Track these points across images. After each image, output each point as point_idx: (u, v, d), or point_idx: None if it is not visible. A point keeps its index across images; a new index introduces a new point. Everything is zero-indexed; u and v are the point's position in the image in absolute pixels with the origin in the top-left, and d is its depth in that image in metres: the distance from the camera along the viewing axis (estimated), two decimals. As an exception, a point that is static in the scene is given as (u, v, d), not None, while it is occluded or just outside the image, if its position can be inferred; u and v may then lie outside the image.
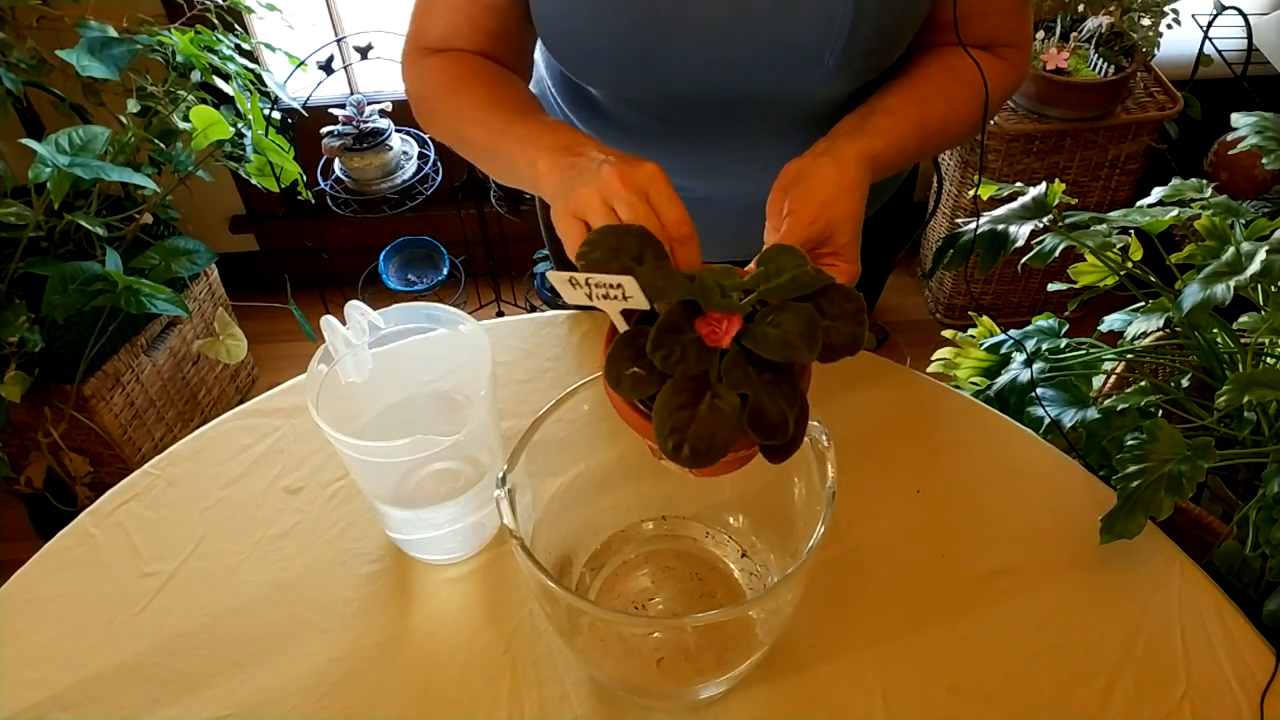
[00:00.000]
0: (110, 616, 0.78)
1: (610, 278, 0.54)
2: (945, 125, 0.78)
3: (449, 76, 0.81)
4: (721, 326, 0.54)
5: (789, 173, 0.67)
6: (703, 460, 0.51)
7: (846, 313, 0.55)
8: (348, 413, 0.78)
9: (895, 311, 2.31)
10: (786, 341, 0.53)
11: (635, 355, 0.54)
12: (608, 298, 0.55)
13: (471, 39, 0.82)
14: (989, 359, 1.18)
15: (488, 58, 0.83)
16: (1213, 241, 1.04)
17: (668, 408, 0.52)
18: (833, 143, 0.70)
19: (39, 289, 1.49)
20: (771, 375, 0.54)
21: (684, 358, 0.53)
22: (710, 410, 0.52)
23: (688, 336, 0.54)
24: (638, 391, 0.54)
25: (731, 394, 0.52)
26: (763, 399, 0.53)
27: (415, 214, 1.91)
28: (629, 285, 0.54)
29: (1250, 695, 0.71)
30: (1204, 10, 1.95)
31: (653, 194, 0.63)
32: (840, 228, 0.65)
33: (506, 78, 0.82)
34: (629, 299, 0.55)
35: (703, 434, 0.51)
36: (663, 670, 0.67)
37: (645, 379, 0.54)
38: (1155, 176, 1.42)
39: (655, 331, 0.53)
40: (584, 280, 0.54)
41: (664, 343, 0.53)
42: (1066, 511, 0.83)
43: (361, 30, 1.79)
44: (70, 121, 1.64)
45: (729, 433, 0.52)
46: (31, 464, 1.70)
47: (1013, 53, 0.82)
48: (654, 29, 0.74)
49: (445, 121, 0.82)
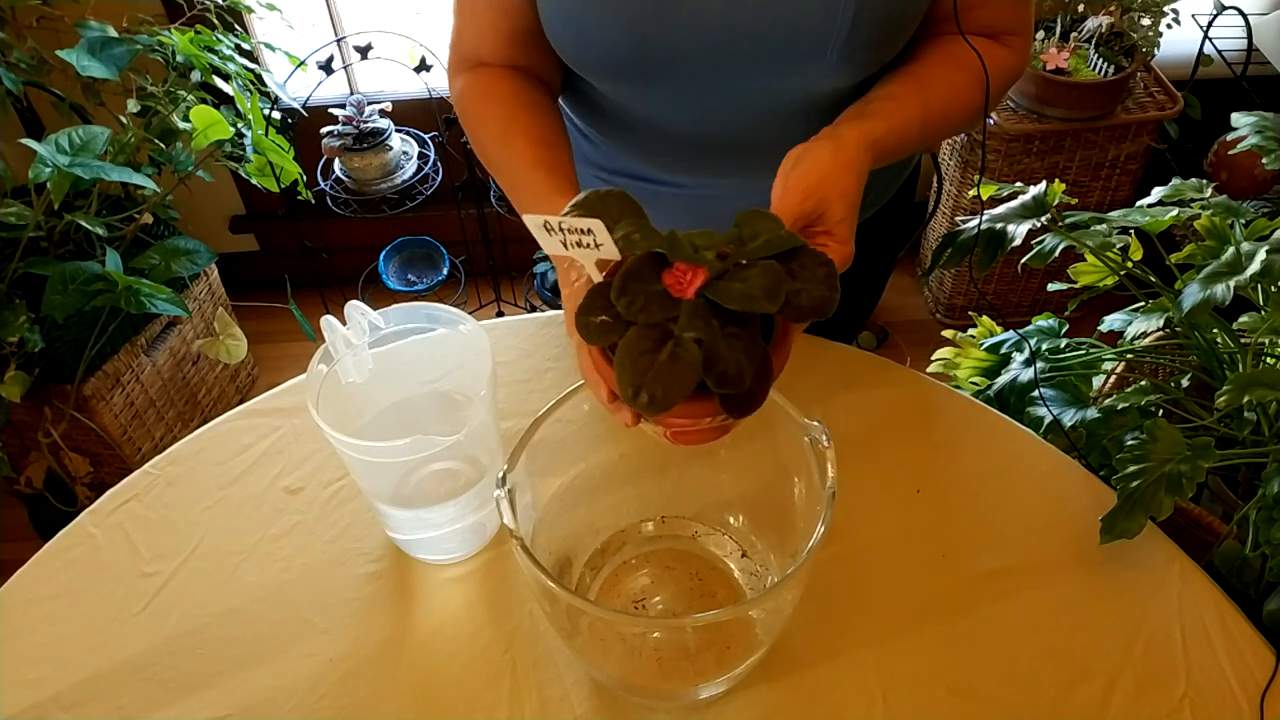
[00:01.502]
0: (110, 616, 0.78)
1: (581, 221, 0.54)
2: (948, 111, 0.78)
3: (471, 106, 0.84)
4: (686, 278, 0.54)
5: (790, 158, 0.68)
6: (658, 405, 0.52)
7: (817, 277, 0.56)
8: (348, 413, 0.78)
9: (895, 311, 2.31)
10: (748, 294, 0.53)
11: (604, 305, 0.55)
12: (581, 246, 0.56)
13: (499, 48, 0.83)
14: (989, 359, 1.18)
15: (518, 69, 0.84)
16: (1213, 241, 1.04)
17: (629, 354, 0.53)
18: (835, 127, 0.70)
19: (39, 289, 1.49)
20: (734, 329, 0.54)
21: (647, 305, 0.54)
22: (670, 359, 0.53)
23: (654, 287, 0.54)
24: (602, 338, 0.55)
25: (693, 345, 0.53)
26: (721, 348, 0.53)
27: (415, 214, 1.91)
28: (598, 230, 0.54)
29: (1250, 695, 0.71)
30: (1204, 10, 1.95)
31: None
32: (834, 205, 0.65)
33: (520, 108, 0.82)
34: (600, 246, 0.55)
35: (661, 379, 0.52)
36: (663, 670, 0.67)
37: (611, 326, 0.54)
38: (1155, 176, 1.42)
39: (620, 278, 0.54)
40: (557, 225, 0.55)
41: (628, 290, 0.54)
42: (1066, 511, 0.83)
43: (361, 30, 1.79)
44: (70, 121, 1.64)
45: (687, 380, 0.52)
46: (31, 464, 1.70)
47: (1015, 40, 0.83)
48: (654, 21, 0.74)
49: (477, 149, 0.85)
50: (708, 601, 0.74)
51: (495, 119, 0.81)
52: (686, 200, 0.91)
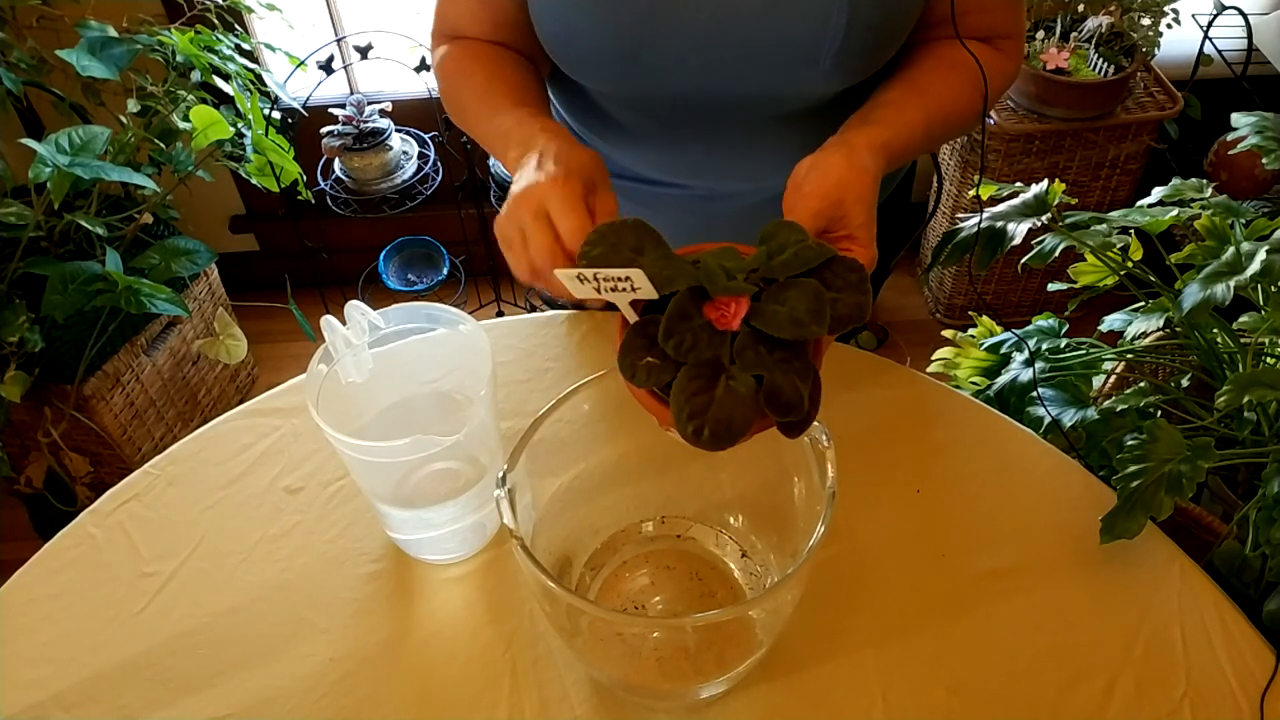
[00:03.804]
0: (110, 616, 0.78)
1: (618, 271, 0.54)
2: (948, 115, 0.78)
3: (454, 66, 0.83)
4: (730, 310, 0.54)
5: (801, 167, 0.68)
6: (723, 442, 0.52)
7: (850, 283, 0.56)
8: (348, 413, 0.78)
9: (895, 311, 2.31)
10: (795, 319, 0.53)
11: (648, 344, 0.55)
12: (616, 290, 0.55)
13: (483, 28, 0.83)
14: (989, 359, 1.18)
15: (502, 45, 0.84)
16: (1213, 241, 1.04)
17: (684, 393, 0.53)
18: (843, 135, 0.71)
19: (39, 289, 1.49)
20: (784, 353, 0.54)
21: (696, 344, 0.54)
22: (726, 393, 0.53)
23: (698, 322, 0.54)
24: (654, 380, 0.55)
25: (746, 375, 0.53)
26: (777, 378, 0.53)
27: (415, 214, 1.91)
28: (637, 277, 0.54)
29: (1250, 695, 0.71)
30: (1204, 10, 1.95)
31: (550, 210, 0.64)
32: (853, 209, 0.65)
33: (504, 65, 0.82)
34: (638, 290, 0.55)
35: (721, 416, 0.52)
36: (663, 670, 0.67)
37: (660, 367, 0.54)
38: (1155, 176, 1.42)
39: (666, 320, 0.54)
40: (592, 275, 0.55)
41: (675, 330, 0.54)
42: (1066, 511, 0.83)
43: (361, 30, 1.79)
44: (70, 121, 1.64)
45: (747, 413, 0.53)
46: (31, 464, 1.70)
47: (1008, 44, 0.83)
48: (646, 27, 0.74)
49: (454, 112, 0.84)
50: (708, 601, 0.74)
51: (478, 73, 0.80)
52: (689, 201, 0.91)
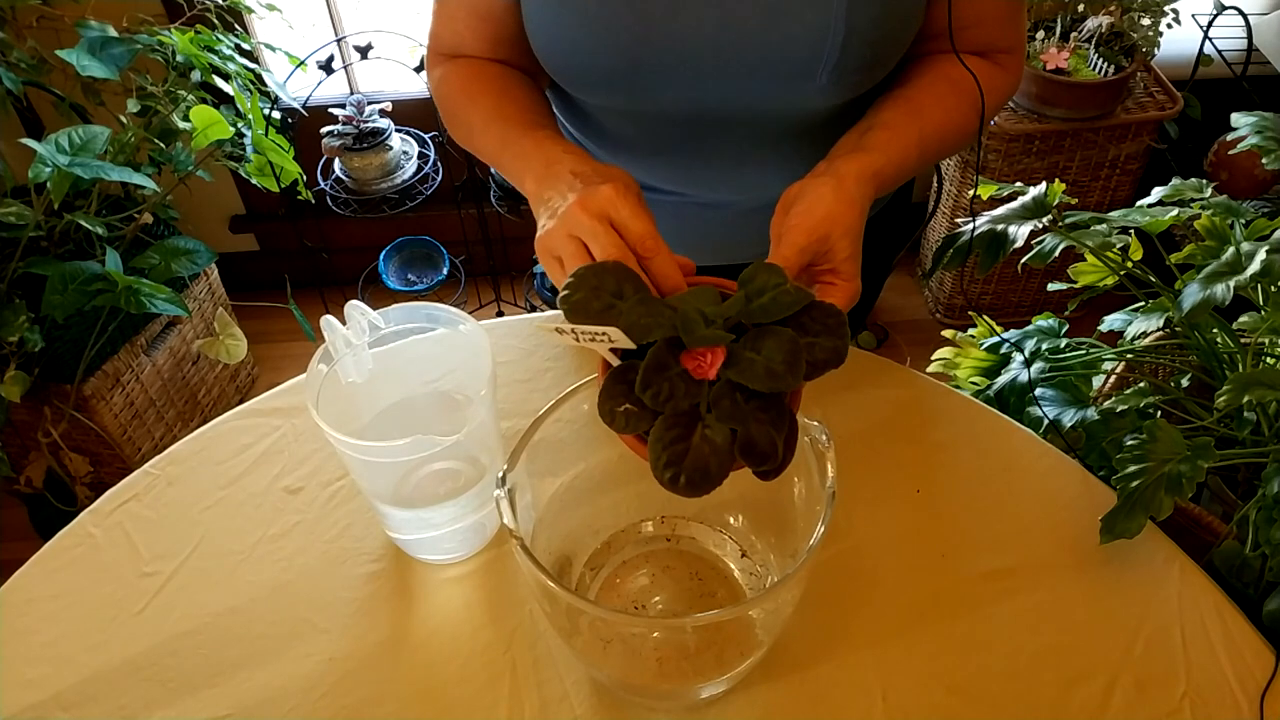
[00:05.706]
0: (110, 616, 0.78)
1: (595, 328, 0.55)
2: (944, 135, 0.78)
3: (458, 87, 0.82)
4: (707, 360, 0.55)
5: (789, 194, 0.67)
6: (700, 489, 0.53)
7: (828, 327, 0.57)
8: (348, 413, 0.78)
9: (895, 311, 2.31)
10: (771, 370, 0.54)
11: (626, 391, 0.55)
12: (595, 340, 0.56)
13: (480, 46, 0.82)
14: (989, 359, 1.18)
15: (501, 63, 0.83)
16: (1213, 241, 1.04)
17: (661, 442, 0.54)
18: (832, 163, 0.70)
19: (39, 289, 1.49)
20: (760, 402, 0.55)
21: (673, 394, 0.54)
22: (702, 442, 0.54)
23: (675, 371, 0.55)
24: (632, 427, 0.56)
25: (721, 426, 0.54)
26: (752, 429, 0.54)
27: (415, 214, 1.91)
28: (613, 333, 0.55)
29: (1250, 695, 0.71)
30: (1204, 10, 1.95)
31: (614, 216, 0.63)
32: (839, 243, 0.65)
33: (512, 85, 0.81)
34: (615, 341, 0.56)
35: (698, 465, 0.53)
36: (663, 670, 0.67)
37: (638, 415, 0.55)
38: (1155, 176, 1.42)
39: (643, 371, 0.54)
40: (569, 329, 0.56)
41: (652, 381, 0.54)
42: (1066, 512, 0.83)
43: (361, 30, 1.79)
44: (70, 121, 1.64)
45: (723, 462, 0.54)
46: (31, 464, 1.70)
47: (1007, 58, 0.82)
48: (643, 43, 0.74)
49: (460, 133, 0.83)
50: (707, 601, 0.74)
51: (487, 95, 0.80)
52: (685, 208, 0.91)
